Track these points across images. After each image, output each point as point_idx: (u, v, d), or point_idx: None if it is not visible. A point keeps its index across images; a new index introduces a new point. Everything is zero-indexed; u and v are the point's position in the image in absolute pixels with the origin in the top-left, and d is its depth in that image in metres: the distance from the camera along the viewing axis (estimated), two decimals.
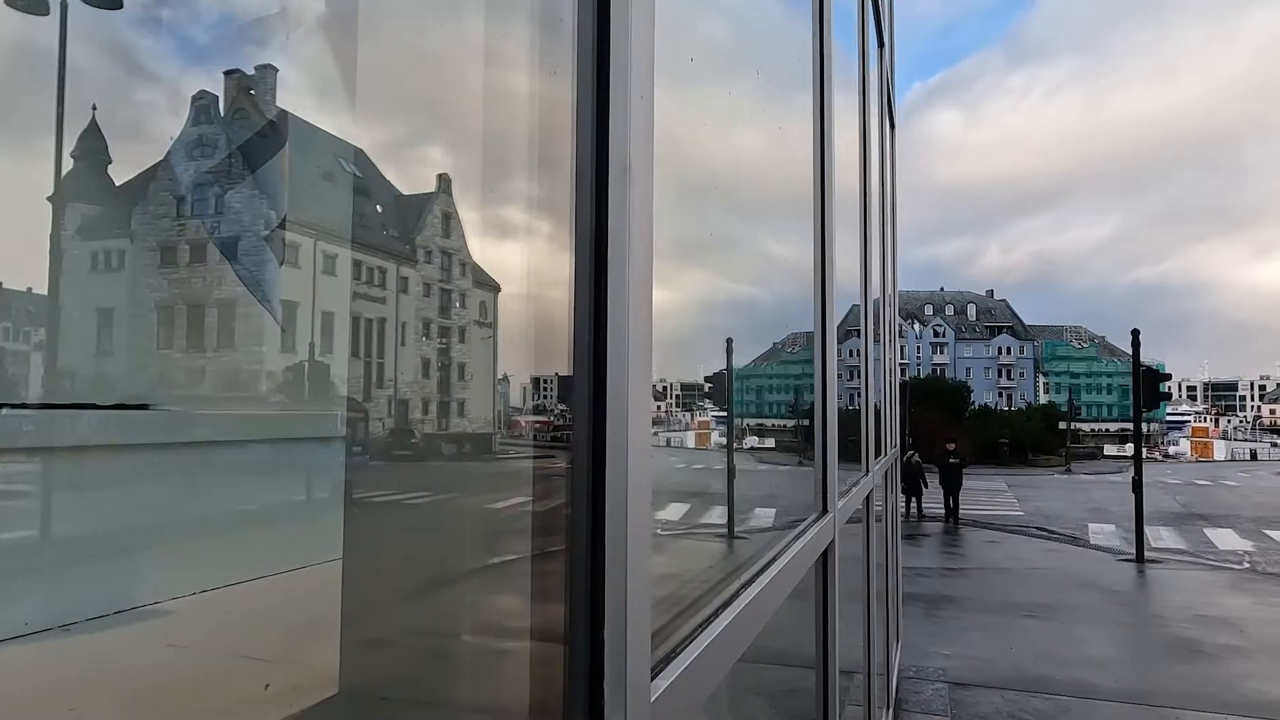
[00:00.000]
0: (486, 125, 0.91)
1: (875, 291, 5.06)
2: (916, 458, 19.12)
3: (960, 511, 18.55)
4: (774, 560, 1.52)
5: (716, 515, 2.26)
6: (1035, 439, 51.06)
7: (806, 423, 3.84)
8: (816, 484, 2.21)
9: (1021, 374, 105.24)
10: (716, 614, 1.16)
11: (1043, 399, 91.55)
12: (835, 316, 2.26)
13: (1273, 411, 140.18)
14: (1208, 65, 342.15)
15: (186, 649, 1.30)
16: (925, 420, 39.81)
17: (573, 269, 0.80)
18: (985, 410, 57.67)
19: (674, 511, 2.12)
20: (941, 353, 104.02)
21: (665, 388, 2.06)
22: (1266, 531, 18.25)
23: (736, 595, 1.26)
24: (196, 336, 1.87)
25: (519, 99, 1.20)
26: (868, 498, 3.62)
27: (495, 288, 1.26)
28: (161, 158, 1.69)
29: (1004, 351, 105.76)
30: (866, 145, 3.77)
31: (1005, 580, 12.20)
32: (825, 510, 2.17)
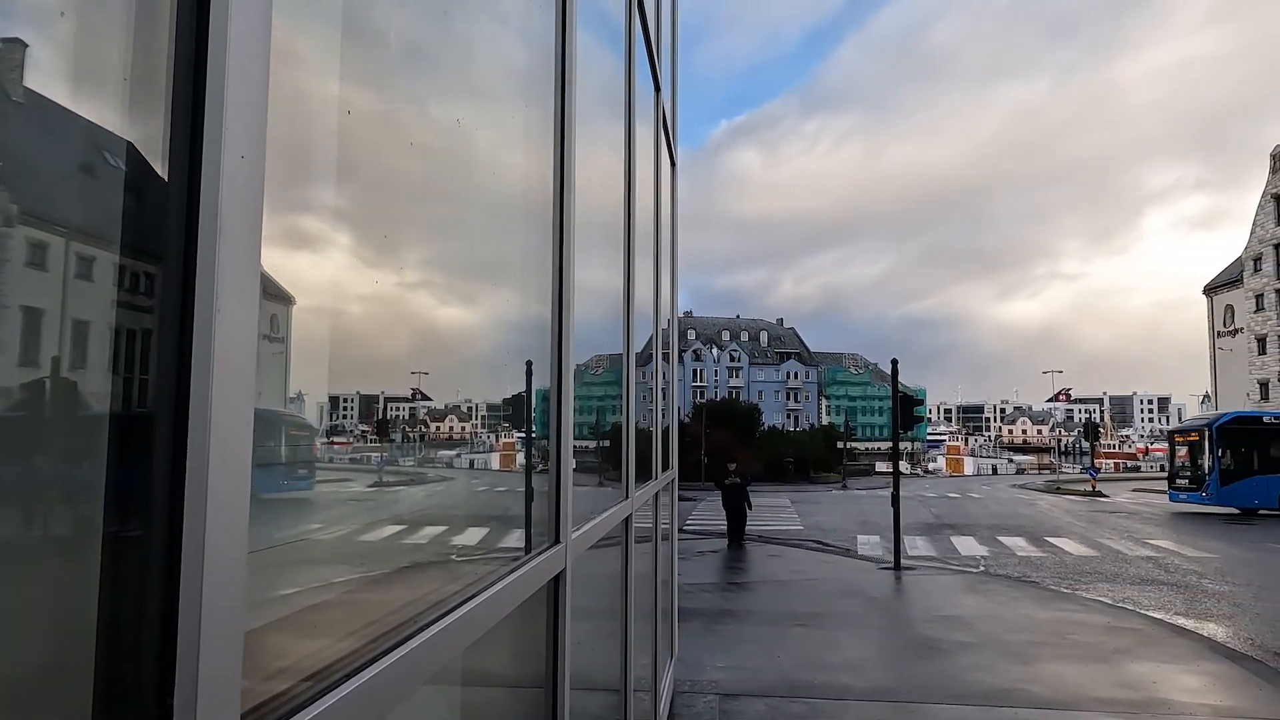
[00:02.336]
0: (272, 127, 0.85)
1: (645, 318, 5.25)
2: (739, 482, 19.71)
3: (745, 529, 19.40)
4: (471, 598, 1.49)
5: (514, 539, 2.22)
6: (817, 457, 55.06)
7: (608, 443, 3.91)
8: (550, 514, 2.22)
9: (807, 397, 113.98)
10: (375, 660, 1.10)
11: (825, 420, 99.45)
12: (572, 345, 2.30)
13: (1010, 431, 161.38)
14: (965, 126, 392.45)
15: None
16: (720, 441, 41.83)
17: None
18: (774, 431, 61.36)
19: (472, 536, 2.08)
20: (737, 376, 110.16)
21: (471, 408, 2.00)
22: (999, 538, 20.85)
23: (407, 639, 1.21)
24: None
25: (310, 104, 1.11)
26: (627, 520, 3.71)
27: (289, 300, 1.17)
28: None
29: (792, 376, 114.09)
30: (631, 182, 3.91)
31: (782, 592, 12.97)
32: (557, 540, 2.19)
